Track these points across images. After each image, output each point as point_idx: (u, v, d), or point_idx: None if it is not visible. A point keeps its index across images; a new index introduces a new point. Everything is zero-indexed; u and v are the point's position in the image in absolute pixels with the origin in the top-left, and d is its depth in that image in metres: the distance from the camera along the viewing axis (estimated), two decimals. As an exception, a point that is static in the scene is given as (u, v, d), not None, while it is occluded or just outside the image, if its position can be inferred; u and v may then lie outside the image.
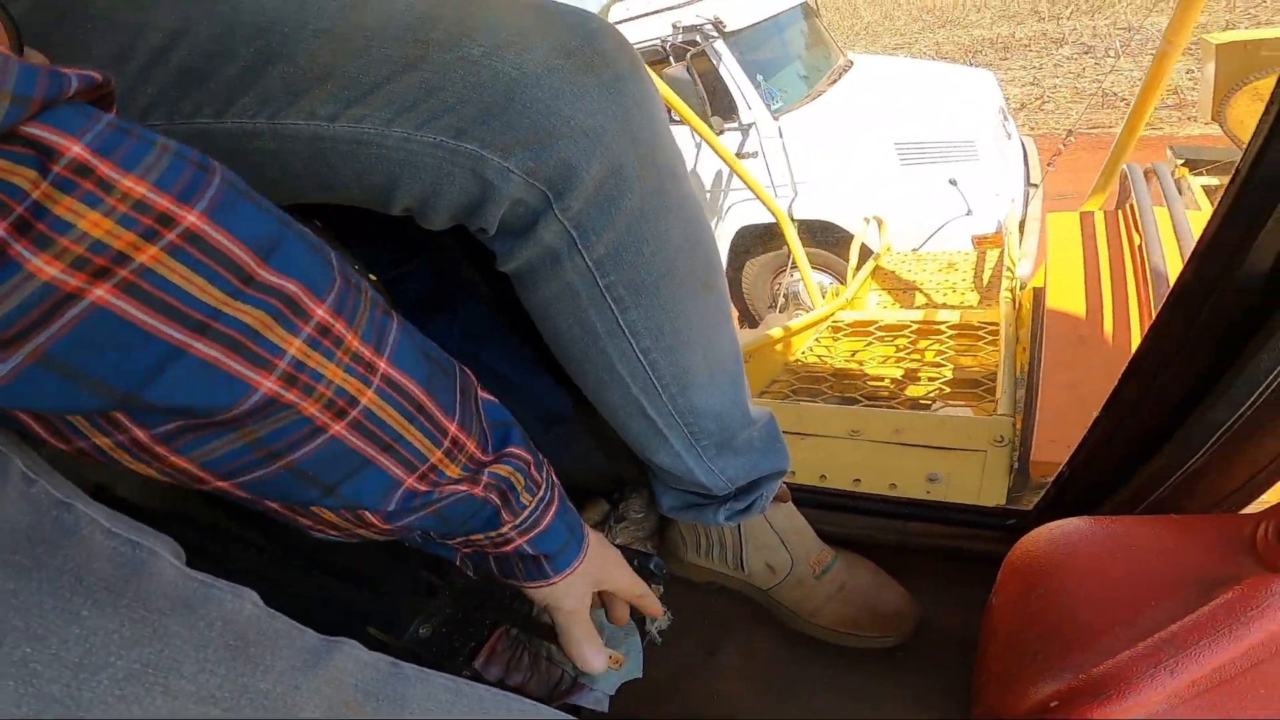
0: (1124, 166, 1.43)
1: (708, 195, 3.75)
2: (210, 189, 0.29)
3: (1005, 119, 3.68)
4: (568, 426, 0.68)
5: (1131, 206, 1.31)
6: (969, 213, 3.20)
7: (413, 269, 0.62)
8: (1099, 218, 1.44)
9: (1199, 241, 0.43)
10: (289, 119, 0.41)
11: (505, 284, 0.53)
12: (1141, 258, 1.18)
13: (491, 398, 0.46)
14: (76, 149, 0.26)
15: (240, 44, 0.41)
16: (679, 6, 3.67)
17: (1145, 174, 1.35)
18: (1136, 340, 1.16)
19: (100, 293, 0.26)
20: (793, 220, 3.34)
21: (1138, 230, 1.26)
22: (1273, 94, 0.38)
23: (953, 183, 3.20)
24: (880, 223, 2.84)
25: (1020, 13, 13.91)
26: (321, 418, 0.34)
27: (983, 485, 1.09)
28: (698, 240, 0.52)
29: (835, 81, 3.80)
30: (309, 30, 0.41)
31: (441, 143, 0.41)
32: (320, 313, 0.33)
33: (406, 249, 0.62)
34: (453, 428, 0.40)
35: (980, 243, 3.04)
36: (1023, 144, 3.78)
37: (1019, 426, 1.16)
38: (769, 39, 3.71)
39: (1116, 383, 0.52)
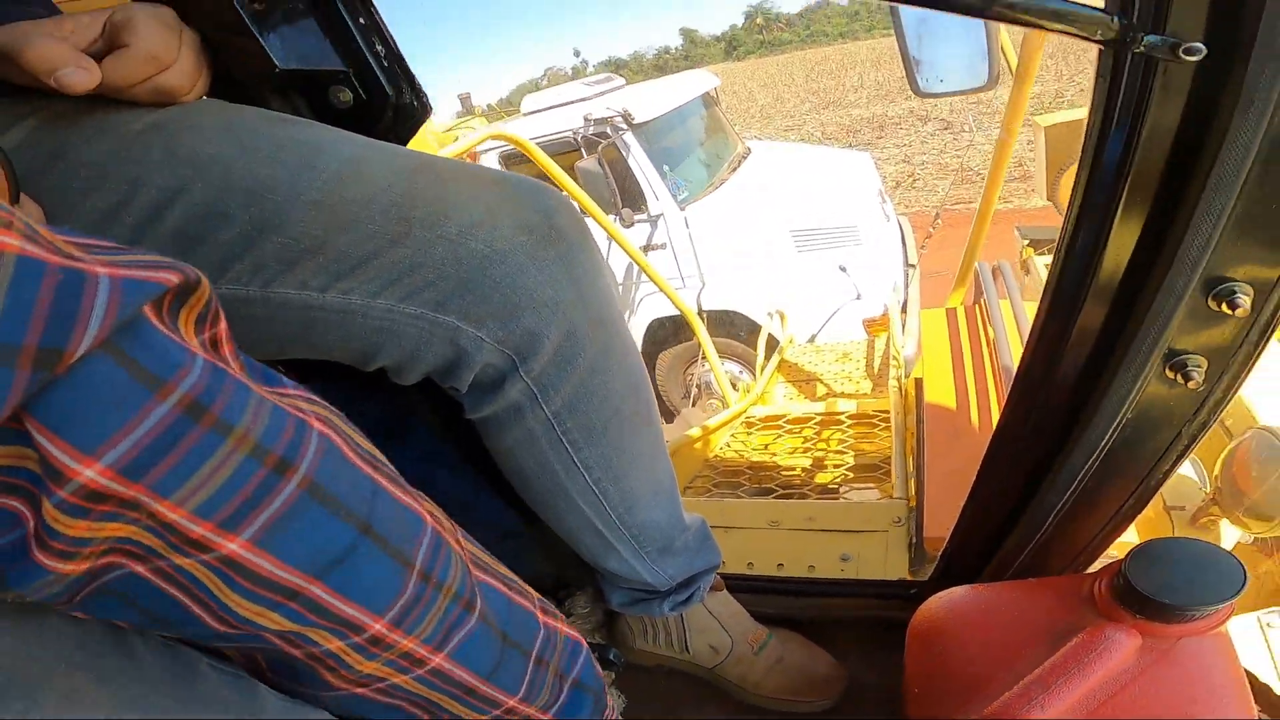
0: (976, 265, 1.69)
1: (619, 288, 3.82)
2: (274, 502, 0.29)
3: (884, 201, 3.95)
4: (520, 540, 0.74)
5: (984, 303, 1.56)
6: (858, 297, 3.40)
7: (369, 402, 0.67)
8: (960, 313, 1.69)
9: (1030, 333, 0.51)
10: (281, 288, 0.44)
11: (455, 411, 0.58)
12: (995, 351, 1.40)
13: (575, 635, 0.50)
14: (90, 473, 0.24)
15: (235, 209, 0.43)
16: (590, 99, 3.84)
17: (993, 271, 1.60)
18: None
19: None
20: (701, 311, 3.48)
21: (990, 325, 1.49)
22: (1073, 190, 0.42)
23: (843, 269, 3.42)
24: (783, 316, 3.06)
25: (891, 91, 15.44)
26: (344, 685, 0.36)
27: (887, 561, 1.22)
28: (638, 384, 0.60)
29: (736, 169, 3.97)
30: (302, 201, 0.43)
31: (423, 314, 0.46)
32: (377, 628, 0.34)
33: (361, 383, 0.67)
34: (511, 700, 0.43)
35: (870, 326, 3.29)
36: (900, 225, 4.01)
37: (912, 507, 1.30)
38: (674, 129, 3.84)
39: (979, 469, 0.64)
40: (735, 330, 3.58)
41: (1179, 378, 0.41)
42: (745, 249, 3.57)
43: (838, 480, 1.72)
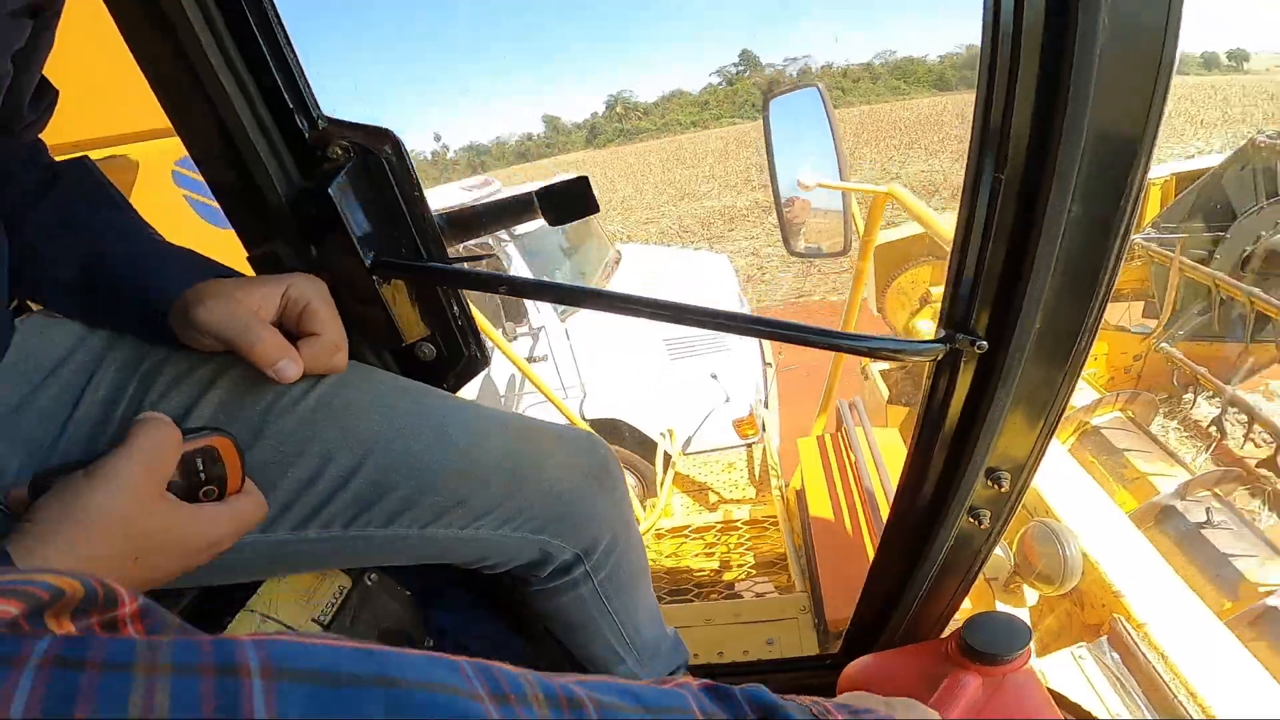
0: (836, 402, 1.98)
1: (502, 400, 3.78)
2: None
3: (742, 304, 4.19)
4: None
5: (845, 431, 1.81)
6: (728, 400, 3.58)
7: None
8: (827, 440, 1.95)
9: (899, 483, 0.70)
10: (434, 529, 0.61)
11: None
12: (858, 473, 1.65)
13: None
14: None
15: (401, 479, 0.58)
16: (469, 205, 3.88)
17: (850, 406, 1.88)
18: (868, 536, 1.56)
19: None
20: (585, 420, 3.46)
21: (851, 451, 1.74)
22: (914, 430, 0.63)
23: (714, 377, 3.61)
24: (671, 434, 3.23)
25: (738, 183, 16.43)
26: None
27: (802, 641, 1.50)
28: (641, 551, 0.85)
29: (610, 277, 4.09)
30: (449, 471, 0.60)
31: (525, 537, 0.67)
32: None
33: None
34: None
35: (739, 427, 3.48)
36: None
37: (812, 596, 1.59)
38: (551, 238, 3.90)
39: (870, 569, 0.80)
40: (621, 437, 3.65)
41: (977, 522, 0.65)
42: (624, 358, 3.68)
43: (742, 578, 2.01)
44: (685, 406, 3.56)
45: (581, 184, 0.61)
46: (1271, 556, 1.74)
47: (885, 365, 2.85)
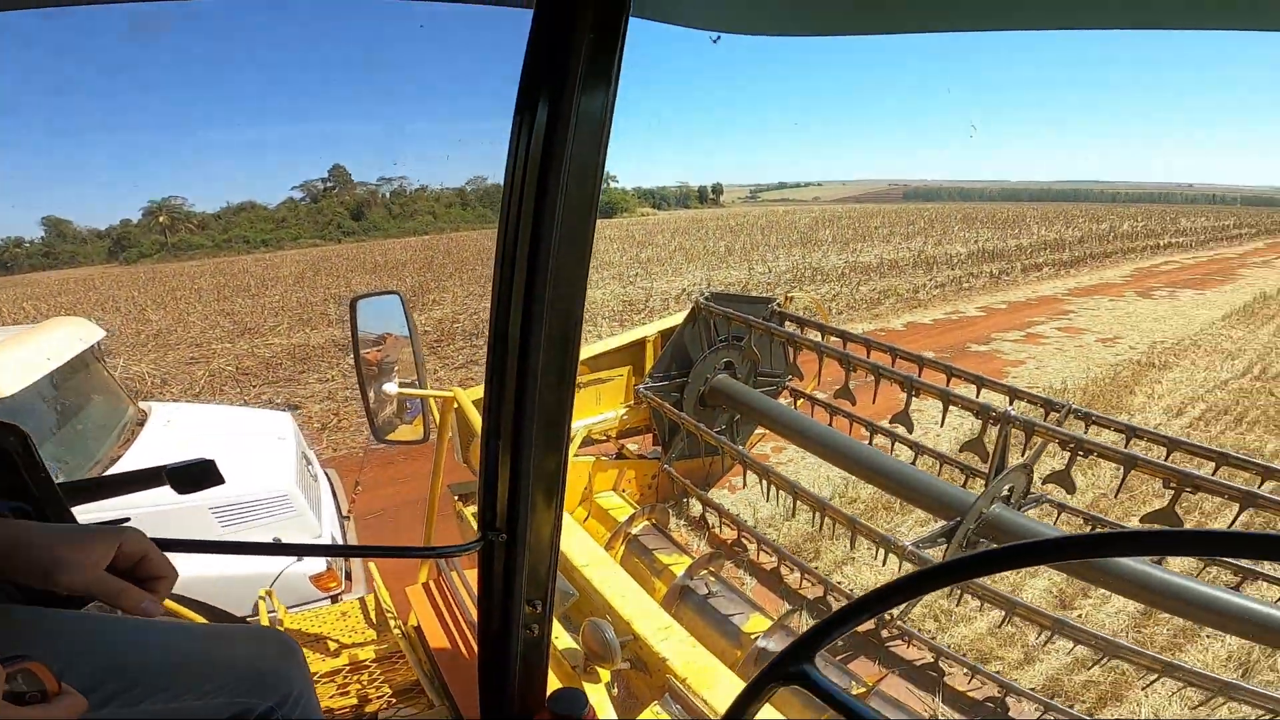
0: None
1: None
2: None
3: (309, 463, 3.93)
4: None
5: (444, 579, 2.13)
6: (300, 559, 3.35)
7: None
8: (432, 585, 2.26)
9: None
10: (162, 707, 0.87)
11: None
12: (460, 611, 1.97)
13: None
14: None
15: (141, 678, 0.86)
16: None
17: (447, 562, 2.22)
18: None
19: None
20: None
21: (452, 591, 2.11)
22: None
23: (277, 539, 3.34)
24: (271, 594, 2.99)
25: (314, 316, 14.99)
26: None
27: None
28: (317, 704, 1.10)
29: (129, 443, 3.56)
30: (167, 667, 0.91)
31: (226, 701, 0.92)
32: None
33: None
34: None
35: (318, 582, 3.35)
36: (328, 478, 4.09)
37: (451, 707, 1.80)
38: (44, 400, 3.30)
39: (479, 676, 1.09)
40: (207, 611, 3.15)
41: (531, 632, 1.02)
42: (161, 529, 3.23)
43: (385, 707, 2.13)
44: (253, 569, 3.26)
45: (208, 464, 0.80)
46: (753, 611, 2.56)
47: (474, 508, 3.23)
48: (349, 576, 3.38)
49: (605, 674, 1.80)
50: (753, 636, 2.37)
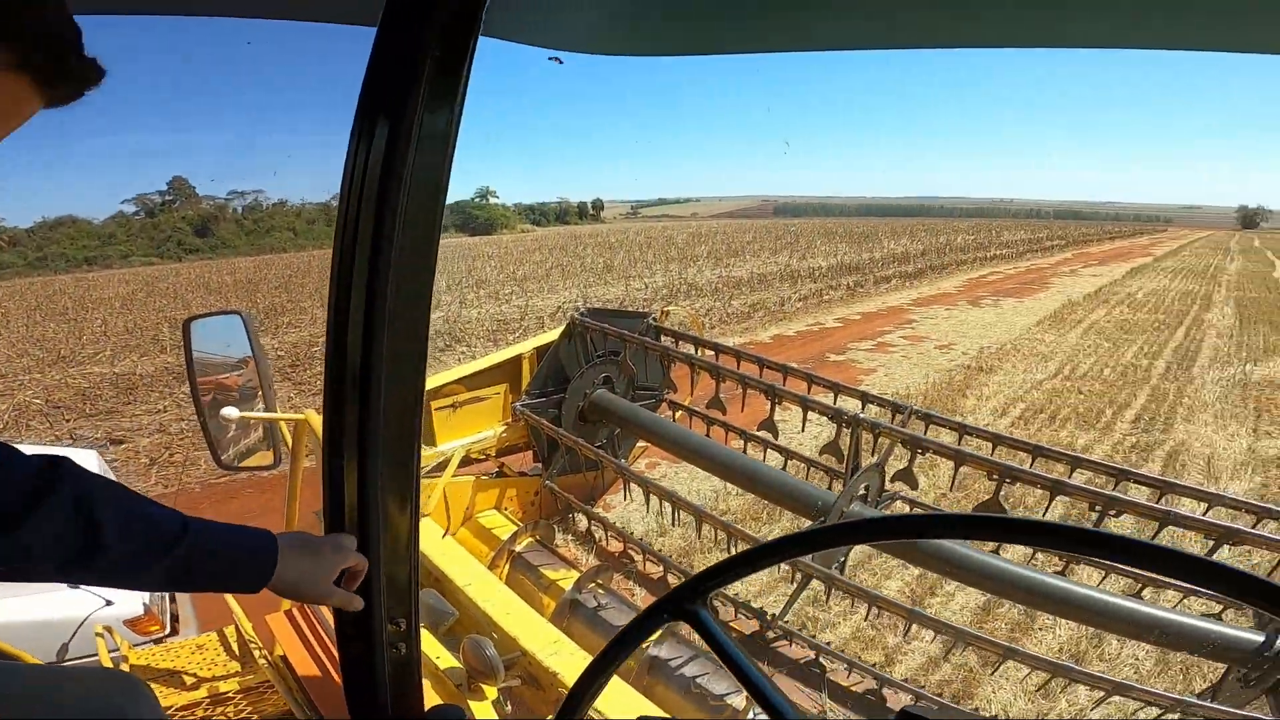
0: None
1: None
2: None
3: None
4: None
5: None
6: (109, 603, 3.05)
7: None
8: (295, 612, 2.10)
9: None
10: None
11: None
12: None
13: None
14: None
15: None
16: None
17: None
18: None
19: None
20: None
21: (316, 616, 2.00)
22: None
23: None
24: (111, 630, 2.64)
25: (144, 342, 13.58)
26: None
27: None
28: None
29: None
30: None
31: None
32: None
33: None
34: None
35: (136, 626, 3.07)
36: None
37: None
38: None
39: (346, 697, 1.04)
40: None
41: (397, 650, 0.99)
42: None
43: None
44: (55, 615, 2.89)
45: None
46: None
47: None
48: (175, 619, 3.05)
49: (492, 691, 1.75)
50: (645, 645, 2.42)
